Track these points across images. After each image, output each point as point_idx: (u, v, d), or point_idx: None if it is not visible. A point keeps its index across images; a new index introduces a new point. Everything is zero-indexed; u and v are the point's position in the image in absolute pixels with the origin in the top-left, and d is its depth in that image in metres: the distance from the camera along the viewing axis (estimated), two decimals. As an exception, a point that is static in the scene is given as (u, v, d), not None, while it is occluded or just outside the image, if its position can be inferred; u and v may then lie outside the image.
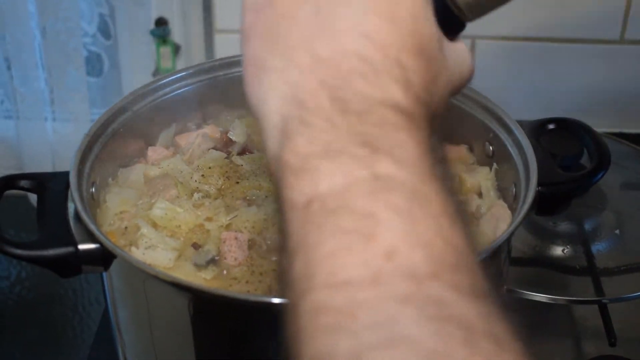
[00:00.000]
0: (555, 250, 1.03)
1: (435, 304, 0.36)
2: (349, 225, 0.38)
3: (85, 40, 1.35)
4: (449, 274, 0.37)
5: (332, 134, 0.40)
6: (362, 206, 0.38)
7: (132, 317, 0.83)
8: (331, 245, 0.38)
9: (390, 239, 0.37)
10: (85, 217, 0.75)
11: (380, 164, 0.39)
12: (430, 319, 0.35)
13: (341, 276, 0.37)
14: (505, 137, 0.88)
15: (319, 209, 0.39)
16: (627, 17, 1.27)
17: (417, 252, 0.37)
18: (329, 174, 0.39)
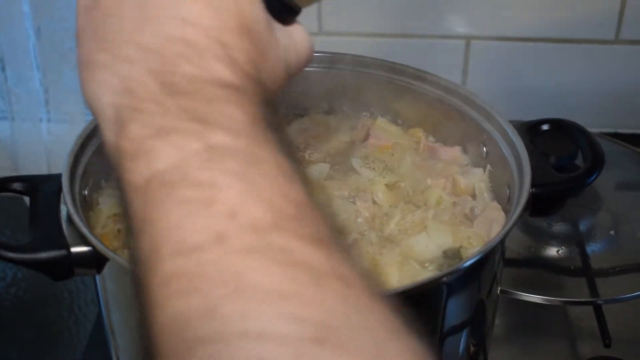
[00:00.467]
0: (550, 251, 1.03)
1: (279, 252, 0.37)
2: (189, 195, 0.39)
3: (80, 41, 1.35)
4: (290, 224, 0.39)
5: (164, 116, 0.43)
6: (200, 176, 0.40)
7: (125, 320, 0.83)
8: (174, 216, 0.39)
9: (230, 200, 0.39)
10: (77, 219, 0.75)
11: (213, 136, 0.41)
12: (276, 265, 0.37)
13: (188, 243, 0.38)
14: (499, 138, 0.88)
15: (158, 186, 0.40)
16: (621, 18, 1.27)
17: (257, 208, 0.39)
18: (163, 152, 0.41)
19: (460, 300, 0.78)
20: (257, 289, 0.36)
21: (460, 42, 1.30)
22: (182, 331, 0.36)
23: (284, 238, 0.38)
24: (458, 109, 0.92)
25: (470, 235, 0.84)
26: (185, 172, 0.40)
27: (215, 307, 0.36)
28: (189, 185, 0.40)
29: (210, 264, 0.37)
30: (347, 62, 0.97)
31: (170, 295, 0.37)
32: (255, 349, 0.34)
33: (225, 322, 0.35)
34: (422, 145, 0.96)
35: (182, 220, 0.39)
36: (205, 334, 0.36)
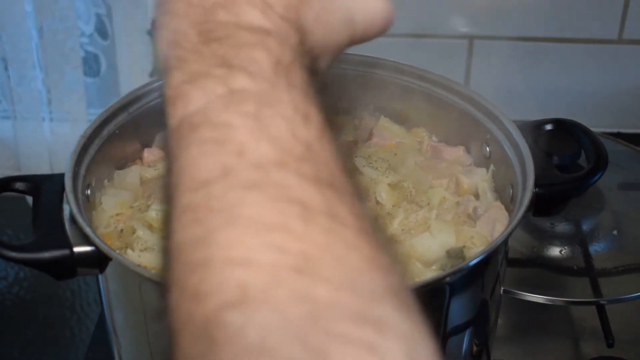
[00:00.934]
0: (553, 251, 1.03)
1: (276, 188, 0.40)
2: (207, 135, 0.42)
3: (82, 41, 1.35)
4: (295, 162, 0.41)
5: (198, 63, 0.45)
6: (219, 118, 0.43)
7: (127, 320, 0.83)
8: (192, 154, 0.42)
9: (241, 139, 0.41)
10: (80, 219, 0.75)
11: (235, 80, 0.44)
12: (272, 199, 0.39)
13: (199, 179, 0.41)
14: (502, 138, 0.88)
15: (185, 127, 0.43)
16: (625, 17, 1.27)
17: (264, 146, 0.41)
18: (194, 97, 0.44)
19: (463, 300, 0.78)
20: (248, 221, 0.39)
21: (464, 41, 1.30)
22: (182, 257, 0.39)
23: (284, 175, 0.40)
24: (461, 109, 0.92)
25: (473, 235, 0.84)
26: (208, 115, 0.43)
27: (209, 235, 0.39)
28: (208, 126, 0.42)
29: (214, 198, 0.40)
30: (350, 61, 0.97)
31: (181, 225, 0.40)
32: (238, 274, 0.37)
33: (215, 249, 0.38)
34: (426, 145, 0.96)
35: (197, 158, 0.42)
36: (198, 260, 0.38)
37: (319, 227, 0.39)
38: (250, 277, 0.37)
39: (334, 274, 0.37)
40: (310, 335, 0.35)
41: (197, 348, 0.37)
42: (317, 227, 0.39)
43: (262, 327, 0.35)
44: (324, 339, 0.35)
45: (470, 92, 0.92)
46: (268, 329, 0.35)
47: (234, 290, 0.37)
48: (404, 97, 0.97)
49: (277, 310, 0.36)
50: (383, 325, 0.36)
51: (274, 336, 0.35)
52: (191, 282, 0.38)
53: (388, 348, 0.35)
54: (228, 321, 0.36)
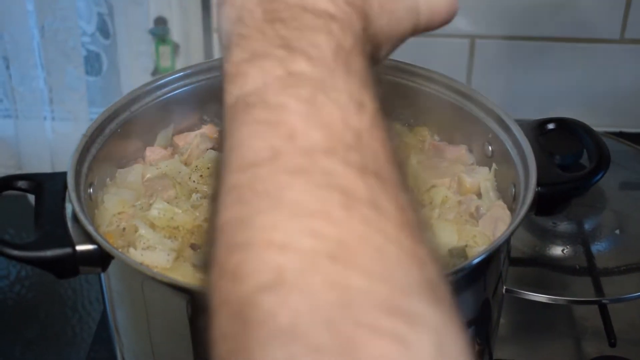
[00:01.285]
0: (555, 251, 1.03)
1: (322, 174, 0.40)
2: (261, 116, 0.42)
3: (84, 40, 1.35)
4: (343, 151, 0.41)
5: (260, 42, 0.45)
6: (274, 99, 0.43)
7: (130, 318, 0.83)
8: (244, 134, 0.42)
9: (293, 123, 0.42)
10: (82, 218, 0.75)
11: (295, 63, 0.44)
12: (316, 186, 0.39)
13: (248, 159, 0.41)
14: (504, 137, 0.88)
15: (241, 106, 0.43)
16: (627, 16, 1.27)
17: (315, 132, 0.41)
18: (252, 76, 0.44)
19: (466, 299, 0.78)
20: (290, 206, 0.39)
21: (465, 40, 1.30)
22: (225, 237, 0.40)
23: (331, 163, 0.40)
24: (463, 108, 0.92)
25: (475, 234, 0.84)
26: (263, 96, 0.43)
27: (252, 217, 0.39)
28: (263, 107, 0.43)
29: (260, 180, 0.40)
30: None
31: (226, 204, 0.41)
32: (276, 258, 0.37)
33: (256, 231, 0.39)
34: (428, 144, 0.96)
35: (248, 138, 0.42)
36: (239, 241, 0.39)
37: (360, 216, 0.39)
38: (287, 261, 0.37)
39: (368, 264, 0.37)
40: (340, 322, 0.36)
41: (231, 328, 0.38)
42: (358, 216, 0.39)
43: (294, 311, 0.36)
44: (353, 327, 0.35)
45: (472, 92, 0.92)
46: (299, 314, 0.36)
47: (271, 273, 0.37)
48: (406, 97, 0.97)
49: (309, 296, 0.36)
50: (414, 317, 0.36)
51: (304, 321, 0.36)
52: (231, 263, 0.39)
53: (416, 340, 0.35)
54: (262, 303, 0.37)
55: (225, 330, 0.38)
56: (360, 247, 0.38)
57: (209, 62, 0.99)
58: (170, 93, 0.95)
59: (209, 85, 0.98)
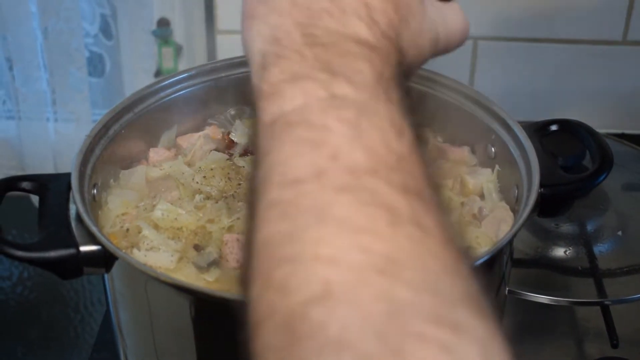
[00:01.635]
0: (558, 252, 1.03)
1: (367, 193, 0.41)
2: (303, 135, 0.43)
3: (87, 41, 1.35)
4: (386, 172, 0.42)
5: (300, 64, 0.47)
6: (317, 120, 0.44)
7: (133, 319, 0.83)
8: (286, 152, 0.43)
9: (337, 144, 0.43)
10: (86, 218, 0.75)
11: (338, 86, 0.45)
12: (362, 204, 0.41)
13: (291, 176, 0.42)
14: (507, 138, 0.88)
15: (281, 125, 0.45)
16: (629, 18, 1.27)
17: (359, 153, 0.42)
18: (292, 96, 0.45)
19: (469, 300, 0.78)
20: (337, 221, 0.40)
21: (468, 42, 1.30)
22: (269, 251, 0.41)
23: (375, 182, 0.41)
24: (466, 110, 0.92)
25: (478, 236, 0.84)
26: (306, 115, 0.44)
27: (299, 232, 0.40)
28: (305, 126, 0.44)
29: (305, 196, 0.41)
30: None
31: (268, 219, 0.42)
32: (324, 271, 0.38)
33: (303, 245, 0.40)
34: (430, 145, 0.96)
35: (291, 156, 0.43)
36: (285, 255, 0.40)
37: (405, 233, 0.40)
38: (336, 275, 0.38)
39: (415, 277, 0.38)
40: (389, 332, 0.36)
41: (278, 340, 0.38)
42: (403, 233, 0.40)
43: (343, 322, 0.37)
44: (402, 337, 0.36)
45: (475, 93, 0.92)
46: (348, 325, 0.37)
47: (319, 287, 0.38)
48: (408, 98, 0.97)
49: (358, 308, 0.37)
50: (460, 327, 0.37)
51: (354, 332, 0.36)
52: (277, 276, 0.40)
53: (464, 349, 0.36)
54: (311, 316, 0.38)
55: (272, 342, 0.39)
56: (407, 262, 0.39)
57: (211, 64, 0.99)
58: (174, 94, 0.96)
59: (212, 86, 0.98)
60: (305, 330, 0.37)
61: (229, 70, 0.98)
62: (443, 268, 0.40)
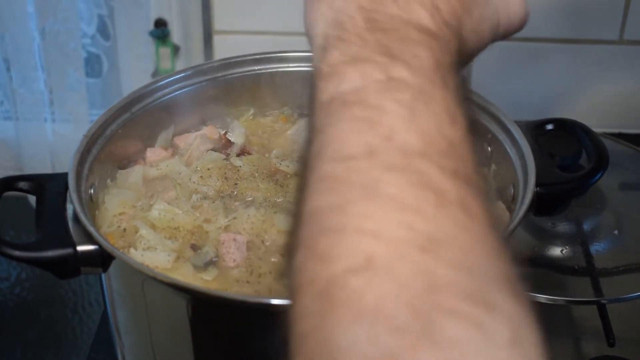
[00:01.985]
0: (554, 251, 1.03)
1: (417, 174, 0.42)
2: (359, 114, 0.45)
3: (84, 41, 1.35)
4: (437, 156, 0.43)
5: (361, 47, 0.48)
6: (373, 100, 0.45)
7: (130, 319, 0.83)
8: (341, 129, 0.45)
9: (391, 125, 0.44)
10: (83, 218, 0.75)
11: (396, 69, 0.46)
12: (410, 184, 0.42)
13: (344, 152, 0.44)
14: (503, 137, 0.88)
15: (337, 104, 0.46)
16: (625, 18, 1.27)
17: (412, 135, 0.43)
18: (351, 77, 0.46)
19: (465, 299, 0.78)
20: (385, 198, 0.41)
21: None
22: (315, 221, 0.42)
23: (426, 165, 0.42)
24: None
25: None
26: (362, 96, 0.45)
27: (346, 205, 0.41)
28: (361, 106, 0.45)
29: (355, 172, 0.42)
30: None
31: (318, 191, 0.43)
32: (367, 243, 0.40)
33: (349, 218, 0.41)
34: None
35: (346, 133, 0.44)
36: (330, 226, 0.41)
37: (450, 215, 0.41)
38: (378, 248, 0.40)
39: (455, 257, 0.40)
40: (423, 306, 0.38)
41: (316, 306, 0.40)
42: (448, 215, 0.41)
43: (380, 293, 0.38)
44: (435, 311, 0.37)
45: (471, 93, 0.92)
46: (385, 296, 0.38)
47: (360, 258, 0.39)
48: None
49: (396, 280, 0.38)
50: (494, 307, 0.38)
51: (389, 302, 0.38)
52: (321, 245, 0.41)
53: (495, 328, 0.37)
54: (349, 284, 0.39)
55: (308, 308, 0.40)
56: (448, 242, 0.40)
57: (208, 64, 0.99)
58: (171, 94, 0.96)
59: (209, 86, 0.98)
60: (342, 298, 0.39)
61: (225, 70, 0.98)
62: (484, 251, 0.41)
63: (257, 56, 1.00)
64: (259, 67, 1.00)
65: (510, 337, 0.37)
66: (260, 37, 1.30)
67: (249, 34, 1.31)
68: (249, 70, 1.00)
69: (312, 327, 0.40)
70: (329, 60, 0.48)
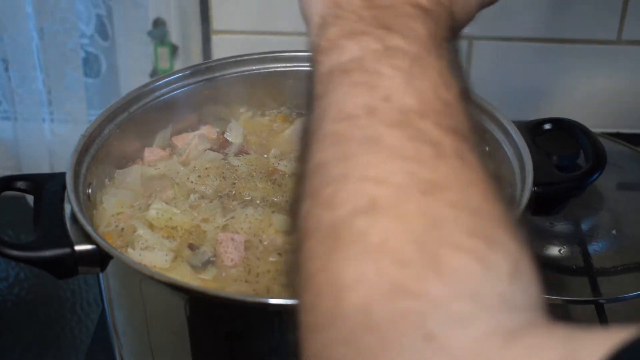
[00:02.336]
0: (552, 251, 1.03)
1: (416, 130, 0.44)
2: (358, 79, 0.47)
3: (82, 42, 1.35)
4: (434, 115, 0.45)
5: (357, 23, 0.50)
6: (371, 66, 0.47)
7: (128, 318, 0.83)
8: (342, 93, 0.47)
9: (389, 88, 0.46)
10: (81, 218, 0.75)
11: (392, 40, 0.49)
12: (410, 137, 0.44)
13: (346, 112, 0.46)
14: (501, 137, 0.88)
15: (337, 72, 0.48)
16: (624, 18, 1.27)
17: (409, 97, 0.46)
18: (349, 48, 0.49)
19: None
20: (387, 150, 0.44)
21: (463, 42, 1.30)
22: (319, 173, 0.45)
23: (423, 122, 0.45)
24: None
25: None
26: (361, 63, 0.48)
27: (349, 157, 0.44)
28: (360, 72, 0.47)
29: (358, 129, 0.45)
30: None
31: (322, 147, 0.46)
32: (371, 189, 0.42)
33: (353, 167, 0.43)
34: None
35: (346, 96, 0.47)
36: (335, 175, 0.44)
37: (449, 164, 0.44)
38: (382, 192, 0.42)
39: (456, 199, 0.42)
40: (427, 241, 0.40)
41: (323, 247, 0.42)
42: (447, 164, 0.44)
43: (385, 231, 0.41)
44: (439, 246, 0.40)
45: (469, 92, 0.92)
46: (390, 233, 0.40)
47: (365, 201, 0.42)
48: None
49: (401, 219, 0.41)
50: (495, 243, 0.40)
51: (394, 239, 0.40)
52: (326, 193, 0.43)
53: (495, 260, 0.40)
54: (355, 225, 0.41)
55: (315, 251, 0.42)
56: (449, 186, 0.43)
57: (207, 64, 0.99)
58: (169, 94, 0.96)
59: (207, 86, 0.98)
60: (348, 237, 0.41)
61: (224, 70, 0.98)
62: (483, 195, 0.43)
63: (255, 56, 1.00)
64: (257, 67, 1.00)
65: (510, 270, 0.39)
66: (258, 37, 1.30)
67: (247, 34, 1.31)
68: (247, 70, 1.00)
69: (320, 266, 0.42)
70: (328, 36, 0.50)
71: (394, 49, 0.48)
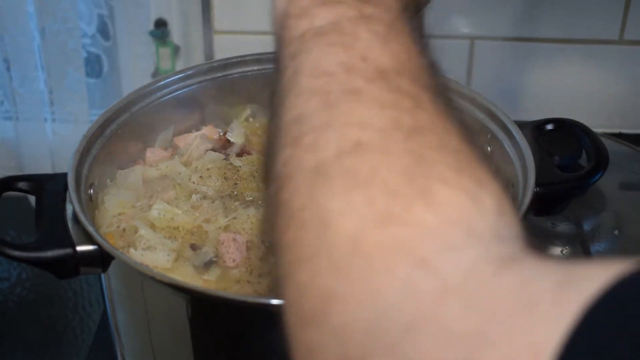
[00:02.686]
0: (554, 251, 1.03)
1: (393, 84, 0.45)
2: (334, 39, 0.47)
3: (84, 41, 1.35)
4: (410, 74, 0.46)
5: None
6: (348, 29, 0.48)
7: (130, 319, 0.83)
8: (318, 52, 0.47)
9: (366, 48, 0.47)
10: (83, 218, 0.75)
11: (367, 8, 0.49)
12: (389, 90, 0.45)
13: (322, 69, 0.46)
14: (503, 137, 0.88)
15: (312, 35, 0.48)
16: (626, 18, 1.27)
17: (385, 57, 0.46)
18: (324, 14, 0.49)
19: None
20: (367, 98, 0.44)
21: (465, 42, 1.30)
22: (298, 124, 0.44)
23: (399, 79, 0.46)
24: (462, 109, 0.92)
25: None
26: (337, 26, 0.48)
27: (330, 106, 0.44)
28: (336, 34, 0.48)
29: (337, 84, 0.45)
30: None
31: (297, 103, 0.45)
32: (355, 132, 0.42)
33: (335, 116, 0.44)
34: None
35: (323, 55, 0.47)
36: (316, 124, 0.44)
37: (427, 112, 0.44)
38: (367, 135, 0.42)
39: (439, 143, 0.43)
40: (416, 175, 0.40)
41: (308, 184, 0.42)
42: (426, 112, 0.44)
43: (374, 165, 0.41)
44: (429, 179, 0.40)
45: (471, 92, 0.92)
46: (379, 167, 0.41)
47: (350, 143, 0.42)
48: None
49: (388, 156, 0.41)
50: (482, 181, 0.41)
51: (383, 171, 0.40)
52: (308, 140, 0.43)
53: (484, 198, 0.40)
54: (342, 162, 0.41)
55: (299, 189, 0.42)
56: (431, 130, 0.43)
57: (208, 64, 0.99)
58: (171, 94, 0.96)
59: (209, 86, 0.98)
60: (335, 173, 0.41)
61: (225, 70, 0.98)
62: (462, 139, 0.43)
63: (257, 56, 1.00)
64: (258, 67, 1.00)
65: (496, 208, 0.40)
66: (260, 37, 1.30)
67: (249, 34, 1.31)
68: (249, 70, 1.00)
69: (305, 202, 0.41)
70: (299, 4, 0.50)
71: (370, 16, 0.49)
